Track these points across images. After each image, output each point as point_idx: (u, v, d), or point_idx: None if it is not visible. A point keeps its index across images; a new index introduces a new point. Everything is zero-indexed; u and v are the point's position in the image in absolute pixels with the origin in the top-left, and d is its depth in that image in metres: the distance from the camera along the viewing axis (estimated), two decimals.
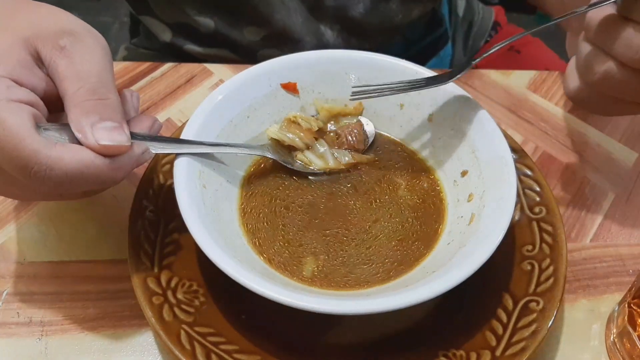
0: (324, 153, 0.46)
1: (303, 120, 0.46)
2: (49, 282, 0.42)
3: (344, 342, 0.39)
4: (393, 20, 0.66)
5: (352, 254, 0.41)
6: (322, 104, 0.48)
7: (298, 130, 0.46)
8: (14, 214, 0.46)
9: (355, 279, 0.39)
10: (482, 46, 0.82)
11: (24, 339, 0.39)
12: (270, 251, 0.40)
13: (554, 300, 0.38)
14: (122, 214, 0.46)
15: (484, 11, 0.84)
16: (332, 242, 0.41)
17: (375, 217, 0.43)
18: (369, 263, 0.40)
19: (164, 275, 0.39)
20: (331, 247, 0.41)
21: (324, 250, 0.41)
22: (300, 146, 0.46)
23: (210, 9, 0.63)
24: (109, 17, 1.85)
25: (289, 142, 0.45)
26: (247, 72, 0.45)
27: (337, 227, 0.42)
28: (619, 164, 0.53)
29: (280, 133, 0.45)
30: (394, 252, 0.41)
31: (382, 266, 0.40)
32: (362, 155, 0.47)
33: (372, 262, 0.40)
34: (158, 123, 0.38)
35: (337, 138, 0.47)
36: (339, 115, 0.48)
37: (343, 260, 0.40)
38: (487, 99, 0.57)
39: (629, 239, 0.47)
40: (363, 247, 0.41)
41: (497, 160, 0.41)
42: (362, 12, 0.64)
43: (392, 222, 0.43)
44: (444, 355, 0.37)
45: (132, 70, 0.58)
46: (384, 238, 0.42)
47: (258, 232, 0.42)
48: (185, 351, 0.35)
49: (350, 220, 0.43)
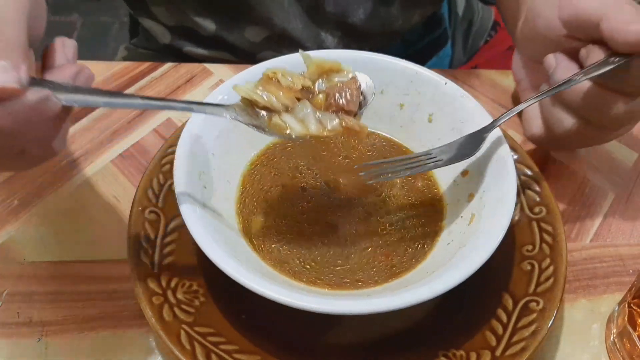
0: (306, 116, 0.37)
1: (284, 76, 0.38)
2: (49, 282, 0.42)
3: (344, 342, 0.39)
4: (393, 25, 0.66)
5: (352, 253, 0.41)
6: (311, 56, 0.39)
7: (276, 88, 0.37)
8: (14, 214, 0.46)
9: (355, 279, 0.39)
10: (481, 46, 0.82)
11: (24, 339, 0.39)
12: (271, 251, 0.40)
13: (554, 300, 0.38)
14: (122, 214, 0.46)
15: (484, 11, 0.84)
16: (332, 241, 0.41)
17: (375, 217, 0.43)
18: (369, 263, 0.40)
19: (164, 275, 0.39)
20: (331, 246, 0.41)
21: (324, 249, 0.41)
22: (277, 108, 0.37)
23: (210, 12, 0.63)
24: (109, 17, 1.85)
25: (264, 104, 0.37)
26: (248, 72, 0.45)
27: (337, 227, 0.42)
28: (619, 164, 0.53)
29: (253, 92, 0.37)
30: (393, 252, 0.41)
31: (382, 266, 0.40)
32: (353, 121, 0.38)
33: (373, 262, 0.40)
34: (86, 73, 0.33)
35: (326, 99, 0.39)
36: (331, 71, 0.40)
37: (343, 260, 0.40)
38: (487, 99, 0.57)
39: (629, 238, 0.47)
40: (363, 247, 0.41)
41: (497, 160, 0.41)
42: (362, 18, 0.63)
43: (392, 222, 0.43)
44: (444, 355, 0.37)
45: (132, 70, 0.58)
46: (384, 238, 0.42)
47: (258, 232, 0.42)
48: (185, 351, 0.35)
49: (350, 220, 0.43)
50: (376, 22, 0.64)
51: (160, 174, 0.44)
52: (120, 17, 1.85)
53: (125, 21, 1.83)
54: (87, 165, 0.49)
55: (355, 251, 0.41)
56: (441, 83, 0.45)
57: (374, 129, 0.49)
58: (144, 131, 0.52)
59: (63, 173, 0.49)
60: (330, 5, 0.62)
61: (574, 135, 0.44)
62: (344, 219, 0.43)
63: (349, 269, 0.40)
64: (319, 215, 0.43)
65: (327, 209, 0.43)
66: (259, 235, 0.41)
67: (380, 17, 0.64)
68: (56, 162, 0.49)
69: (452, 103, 0.45)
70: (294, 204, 0.43)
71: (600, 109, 0.42)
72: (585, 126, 0.43)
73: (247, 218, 0.42)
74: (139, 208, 0.41)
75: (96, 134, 0.52)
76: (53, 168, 0.49)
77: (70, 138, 0.51)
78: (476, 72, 0.60)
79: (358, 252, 0.41)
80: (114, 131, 0.52)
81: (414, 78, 0.46)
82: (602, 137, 0.46)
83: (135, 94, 0.33)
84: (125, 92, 0.55)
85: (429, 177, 0.46)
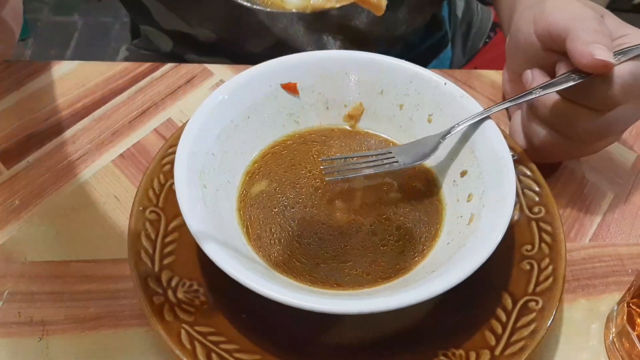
0: None
1: None
2: (49, 281, 0.42)
3: (344, 342, 0.39)
4: (397, 30, 0.66)
5: (351, 253, 0.41)
6: None
7: None
8: (15, 214, 0.46)
9: (355, 279, 0.39)
10: (480, 47, 0.82)
11: (24, 339, 0.39)
12: (271, 251, 0.41)
13: (553, 299, 0.38)
14: (122, 213, 0.46)
15: (483, 12, 0.84)
16: (332, 241, 0.41)
17: (374, 217, 0.43)
18: (369, 263, 0.40)
19: (164, 274, 0.39)
20: (331, 246, 0.41)
21: (324, 249, 0.41)
22: None
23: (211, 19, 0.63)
24: (110, 18, 1.86)
25: None
26: (248, 73, 0.45)
27: (337, 227, 0.42)
28: (618, 163, 0.53)
29: None
30: (393, 251, 0.41)
31: (381, 266, 0.40)
32: None
33: (372, 262, 0.40)
34: None
35: None
36: None
37: (343, 259, 0.40)
38: (487, 99, 0.57)
39: (628, 238, 0.47)
40: (363, 246, 0.41)
41: (497, 160, 0.41)
42: (365, 22, 0.63)
43: (392, 222, 0.43)
44: (443, 354, 0.37)
45: (132, 70, 0.58)
46: (383, 238, 0.42)
47: (259, 231, 0.42)
48: (185, 351, 0.35)
49: (349, 220, 0.43)
50: (380, 27, 0.64)
51: (160, 174, 0.44)
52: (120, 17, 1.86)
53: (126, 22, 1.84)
54: (88, 165, 0.50)
55: (355, 251, 0.41)
56: (441, 83, 0.45)
57: (373, 130, 0.49)
58: (144, 131, 0.53)
59: (64, 173, 0.49)
60: (334, 9, 0.62)
61: (553, 148, 0.45)
62: (344, 219, 0.43)
63: (349, 268, 0.40)
64: (319, 214, 0.43)
65: (328, 209, 0.43)
66: (260, 235, 0.42)
67: (384, 21, 0.64)
68: (57, 162, 0.50)
69: (451, 103, 0.45)
70: (295, 203, 0.44)
71: (571, 123, 0.43)
72: (562, 139, 0.44)
73: (247, 218, 0.42)
74: (140, 208, 0.42)
75: (97, 134, 0.52)
76: (54, 168, 0.49)
77: (71, 138, 0.51)
78: (476, 72, 0.61)
79: (358, 252, 0.41)
80: (115, 131, 0.52)
81: (413, 78, 0.46)
82: (582, 150, 0.47)
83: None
84: (126, 92, 0.56)
85: (429, 177, 0.46)
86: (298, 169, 0.46)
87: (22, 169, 0.49)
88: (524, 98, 0.43)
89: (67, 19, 1.88)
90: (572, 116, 0.42)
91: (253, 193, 0.44)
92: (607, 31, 0.41)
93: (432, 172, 0.46)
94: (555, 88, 0.42)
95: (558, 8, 0.43)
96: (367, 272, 0.40)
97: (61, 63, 0.58)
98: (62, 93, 0.55)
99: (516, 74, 0.50)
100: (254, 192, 0.44)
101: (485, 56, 0.84)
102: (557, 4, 0.43)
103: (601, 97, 0.40)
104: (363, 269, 0.40)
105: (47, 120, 0.53)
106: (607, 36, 0.40)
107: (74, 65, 0.58)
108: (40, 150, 0.50)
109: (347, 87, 0.47)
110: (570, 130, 0.43)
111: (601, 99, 0.40)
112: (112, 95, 0.55)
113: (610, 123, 0.42)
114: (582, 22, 0.41)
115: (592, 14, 0.42)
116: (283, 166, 0.46)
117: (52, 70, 0.57)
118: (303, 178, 0.45)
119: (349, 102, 0.48)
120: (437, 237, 0.42)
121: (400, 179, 0.46)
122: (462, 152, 0.44)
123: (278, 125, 0.47)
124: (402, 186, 0.45)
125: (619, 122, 0.43)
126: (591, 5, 0.44)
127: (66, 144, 0.51)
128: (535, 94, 0.42)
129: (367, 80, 0.47)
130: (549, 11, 0.43)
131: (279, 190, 0.44)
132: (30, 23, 1.85)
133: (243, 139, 0.45)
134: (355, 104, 0.48)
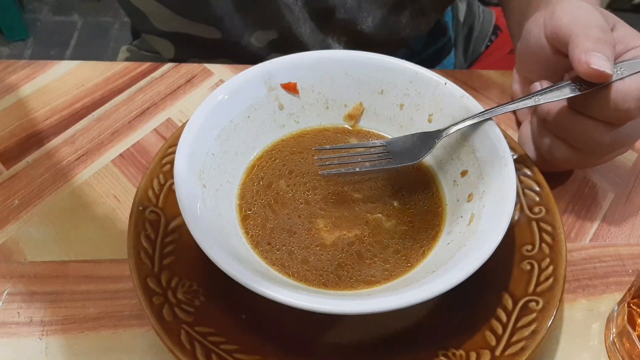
0: None
1: None
2: (49, 281, 0.42)
3: (344, 342, 0.39)
4: (400, 34, 0.66)
5: (351, 253, 0.41)
6: None
7: None
8: (15, 214, 0.46)
9: (355, 279, 0.39)
10: (482, 51, 0.82)
11: (24, 339, 0.39)
12: (271, 251, 0.41)
13: (554, 300, 0.38)
14: (122, 213, 0.46)
15: (485, 15, 0.84)
16: (332, 241, 0.41)
17: (374, 217, 0.43)
18: (369, 263, 0.40)
19: (164, 275, 0.39)
20: (331, 246, 0.41)
21: (324, 249, 0.41)
22: None
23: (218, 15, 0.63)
24: (110, 18, 1.86)
25: None
26: (248, 72, 0.45)
27: (337, 227, 0.42)
28: (618, 163, 0.53)
29: None
30: (393, 252, 0.41)
31: (381, 266, 0.40)
32: None
33: (372, 262, 0.40)
34: None
35: None
36: None
37: (343, 260, 0.40)
38: (487, 99, 0.57)
39: (629, 238, 0.47)
40: (363, 247, 0.41)
41: (497, 160, 0.41)
42: (370, 25, 0.64)
43: (391, 222, 0.43)
44: (443, 354, 0.37)
45: (132, 70, 0.58)
46: (383, 238, 0.42)
47: (258, 231, 0.42)
48: (185, 351, 0.35)
49: (349, 220, 0.43)
50: (384, 31, 0.65)
51: (160, 174, 0.44)
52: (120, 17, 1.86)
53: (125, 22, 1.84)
54: (88, 165, 0.50)
55: (355, 251, 0.41)
56: (441, 83, 0.45)
57: (373, 129, 0.49)
58: (144, 131, 0.52)
59: (64, 173, 0.49)
60: (341, 13, 0.62)
61: (564, 159, 0.45)
62: (343, 219, 0.43)
63: (349, 268, 0.40)
64: (319, 214, 0.43)
65: (328, 209, 0.43)
66: (260, 235, 0.41)
67: (389, 25, 0.64)
68: (57, 162, 0.50)
69: (452, 103, 0.45)
70: (295, 203, 0.44)
71: (584, 136, 0.42)
72: (574, 152, 0.44)
73: (247, 218, 0.42)
74: (140, 208, 0.42)
75: (96, 133, 0.52)
76: (54, 168, 0.49)
77: (71, 138, 0.51)
78: (476, 72, 0.61)
79: (358, 252, 0.41)
80: (115, 131, 0.52)
81: (413, 78, 0.46)
82: (594, 162, 0.46)
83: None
84: (126, 92, 0.55)
85: (429, 177, 0.46)
86: (300, 169, 0.46)
87: (21, 169, 0.49)
88: (526, 102, 0.42)
89: (66, 19, 1.88)
90: (585, 130, 0.42)
91: (253, 193, 0.44)
92: (610, 40, 0.40)
93: (433, 172, 0.46)
94: (556, 94, 0.41)
95: (567, 12, 0.42)
96: (367, 273, 0.40)
97: (61, 63, 0.58)
98: (62, 93, 0.55)
99: (527, 79, 0.50)
100: (255, 192, 0.44)
101: (487, 60, 0.84)
102: (567, 8, 0.43)
103: (615, 111, 0.39)
104: (363, 269, 0.40)
105: (46, 120, 0.53)
106: (609, 45, 0.40)
107: (73, 65, 0.58)
108: (40, 150, 0.50)
109: (347, 87, 0.47)
110: (583, 143, 0.43)
111: (615, 112, 0.40)
112: (111, 95, 0.55)
113: (625, 136, 0.42)
114: (585, 29, 0.40)
115: (599, 21, 0.41)
116: (284, 166, 0.46)
117: (51, 70, 0.57)
118: (303, 178, 0.45)
119: (349, 102, 0.48)
120: (438, 237, 0.42)
121: (400, 179, 0.46)
122: (462, 152, 0.44)
123: (278, 125, 0.47)
124: (402, 186, 0.45)
125: (633, 134, 0.42)
126: (604, 13, 0.43)
127: (66, 144, 0.51)
128: (536, 100, 0.42)
129: (367, 80, 0.47)
130: (558, 15, 0.43)
131: (279, 190, 0.44)
132: (30, 23, 1.85)
133: (243, 139, 0.45)
134: (356, 103, 0.48)
